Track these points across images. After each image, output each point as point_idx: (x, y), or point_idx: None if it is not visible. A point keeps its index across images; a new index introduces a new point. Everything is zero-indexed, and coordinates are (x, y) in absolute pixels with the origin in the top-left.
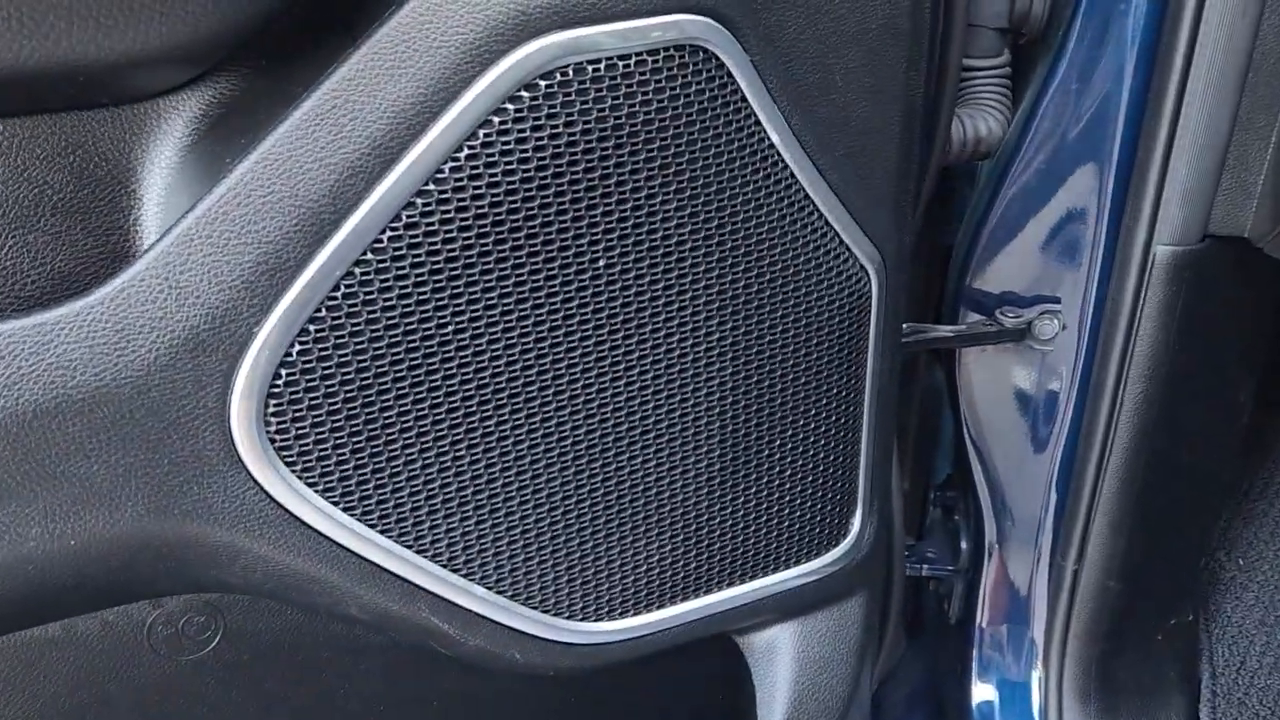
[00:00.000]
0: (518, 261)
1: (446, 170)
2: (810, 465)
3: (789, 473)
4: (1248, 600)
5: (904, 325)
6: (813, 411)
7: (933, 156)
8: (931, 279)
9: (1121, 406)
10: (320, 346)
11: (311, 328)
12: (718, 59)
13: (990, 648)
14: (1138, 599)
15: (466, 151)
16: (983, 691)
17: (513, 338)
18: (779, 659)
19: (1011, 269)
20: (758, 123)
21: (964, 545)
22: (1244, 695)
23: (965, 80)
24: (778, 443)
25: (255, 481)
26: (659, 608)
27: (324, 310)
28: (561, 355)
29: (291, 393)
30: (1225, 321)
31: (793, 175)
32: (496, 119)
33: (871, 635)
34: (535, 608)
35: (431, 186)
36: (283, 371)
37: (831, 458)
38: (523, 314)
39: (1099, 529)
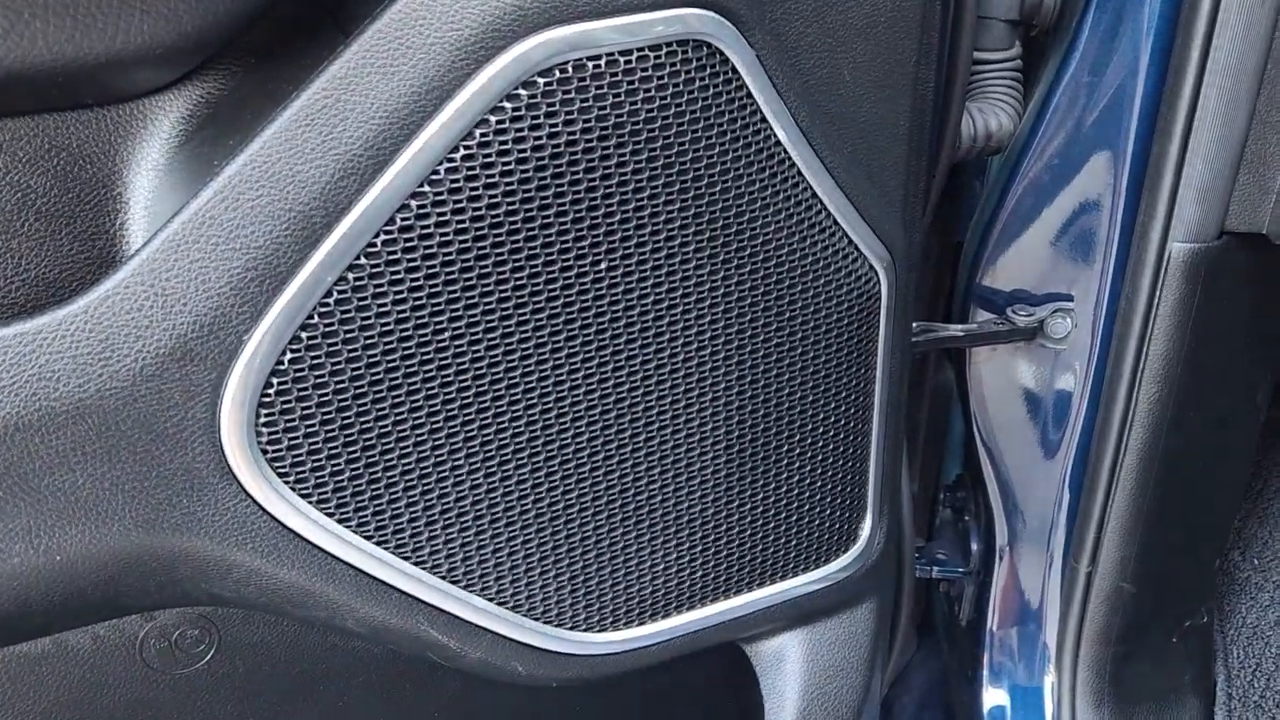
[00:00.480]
0: (518, 265)
1: (442, 172)
2: (820, 469)
3: (798, 478)
4: (1263, 601)
5: (914, 324)
6: (822, 414)
7: (943, 152)
8: (941, 276)
9: (1136, 406)
10: (313, 355)
11: (304, 335)
12: (722, 54)
13: (1001, 652)
14: (1152, 601)
15: (463, 152)
16: (994, 696)
17: (513, 343)
18: (788, 667)
19: (1023, 266)
20: (764, 120)
21: (975, 547)
22: (1260, 698)
23: (976, 74)
24: (787, 447)
25: (247, 494)
26: (665, 617)
27: (316, 317)
28: (564, 361)
29: (284, 402)
30: (1242, 320)
31: (800, 173)
32: (494, 118)
33: (882, 642)
34: (538, 619)
35: (427, 189)
36: (274, 381)
37: (842, 461)
38: (523, 319)
39: (1113, 530)
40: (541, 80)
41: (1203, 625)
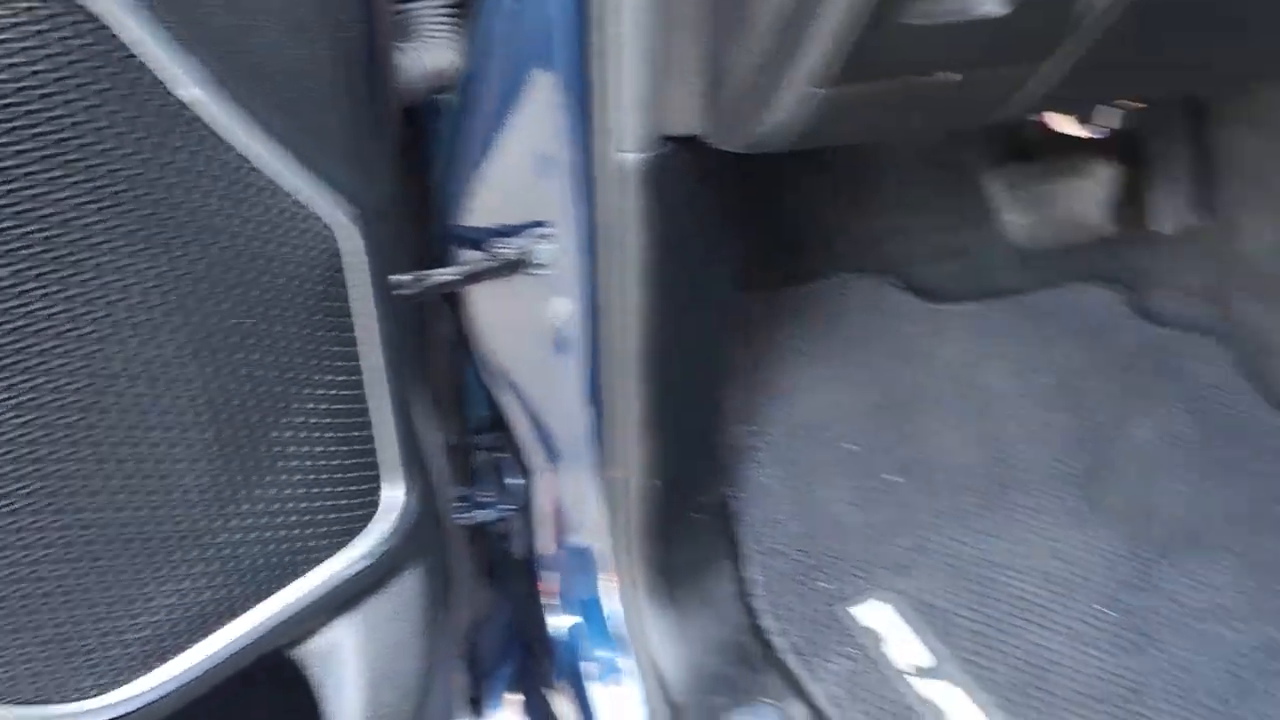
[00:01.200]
0: None
1: None
2: (321, 446)
3: (297, 461)
4: (764, 460)
5: (407, 276)
6: (309, 388)
7: (387, 96)
8: (424, 223)
9: (626, 314)
10: None
11: None
12: (86, 10)
13: (560, 573)
14: (679, 489)
15: None
16: (563, 619)
17: None
18: (343, 658)
19: (495, 199)
20: (158, 82)
21: (513, 482)
22: (775, 545)
23: (410, 13)
24: (276, 432)
25: None
26: (186, 647)
27: None
28: None
29: None
30: (698, 216)
31: (217, 136)
32: None
33: (438, 604)
34: (28, 702)
35: None
36: None
37: (344, 432)
38: None
39: (634, 434)
40: None
41: (721, 495)
